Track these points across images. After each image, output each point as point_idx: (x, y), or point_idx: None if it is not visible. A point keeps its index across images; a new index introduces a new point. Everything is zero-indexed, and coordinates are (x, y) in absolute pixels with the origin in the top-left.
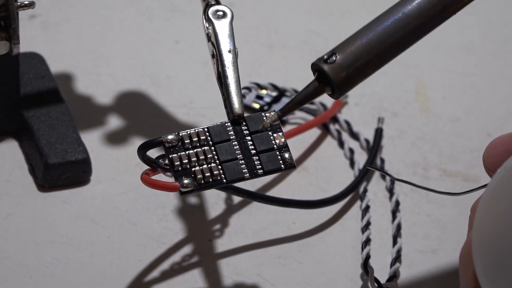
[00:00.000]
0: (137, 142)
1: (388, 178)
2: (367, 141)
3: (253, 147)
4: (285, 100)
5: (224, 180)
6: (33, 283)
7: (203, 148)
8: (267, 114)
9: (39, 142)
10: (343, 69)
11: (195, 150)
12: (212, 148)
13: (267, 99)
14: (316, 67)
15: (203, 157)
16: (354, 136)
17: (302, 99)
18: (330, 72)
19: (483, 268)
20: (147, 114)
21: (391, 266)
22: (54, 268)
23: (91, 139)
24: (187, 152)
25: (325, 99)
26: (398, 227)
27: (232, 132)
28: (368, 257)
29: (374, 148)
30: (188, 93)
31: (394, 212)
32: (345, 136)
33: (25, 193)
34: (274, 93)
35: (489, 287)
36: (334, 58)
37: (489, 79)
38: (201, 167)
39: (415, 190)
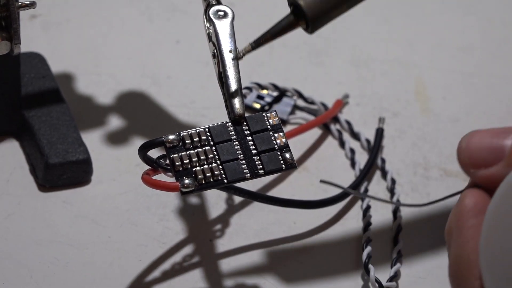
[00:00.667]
0: (138, 142)
1: (389, 177)
2: (368, 141)
3: (254, 147)
4: (286, 100)
5: (225, 180)
6: (33, 283)
7: (204, 148)
8: (268, 114)
9: (40, 142)
10: (316, 4)
11: (196, 150)
12: (213, 148)
13: (268, 99)
14: (291, 1)
15: (204, 157)
16: (355, 136)
17: (277, 31)
18: (304, 6)
19: (493, 281)
20: (147, 114)
21: (391, 266)
22: (55, 268)
23: (92, 139)
24: (188, 152)
25: (326, 99)
26: (399, 227)
27: (233, 132)
28: (369, 257)
29: (375, 148)
30: (189, 93)
31: (395, 212)
32: (346, 136)
33: (26, 193)
34: (275, 93)
35: None
36: None
37: (489, 79)
38: (202, 167)
39: (416, 190)
